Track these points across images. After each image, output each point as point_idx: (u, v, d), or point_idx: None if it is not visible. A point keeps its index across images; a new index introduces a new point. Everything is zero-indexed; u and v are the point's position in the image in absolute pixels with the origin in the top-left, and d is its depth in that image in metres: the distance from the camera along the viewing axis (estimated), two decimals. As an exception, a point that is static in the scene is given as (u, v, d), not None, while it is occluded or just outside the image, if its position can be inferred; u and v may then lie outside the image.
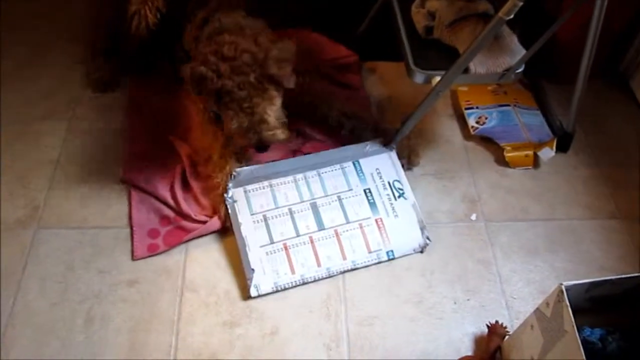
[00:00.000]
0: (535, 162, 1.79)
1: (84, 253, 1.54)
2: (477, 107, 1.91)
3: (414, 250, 1.56)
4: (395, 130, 1.74)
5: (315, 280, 1.50)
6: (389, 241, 1.56)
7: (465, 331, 1.44)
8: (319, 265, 1.51)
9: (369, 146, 1.74)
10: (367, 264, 1.53)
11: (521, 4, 1.33)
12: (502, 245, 1.61)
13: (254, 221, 1.57)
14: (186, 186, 1.66)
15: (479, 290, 1.51)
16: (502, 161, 1.79)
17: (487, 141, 1.84)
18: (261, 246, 1.53)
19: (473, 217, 1.66)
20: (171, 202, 1.62)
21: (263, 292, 1.46)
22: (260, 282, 1.47)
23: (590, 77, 1.65)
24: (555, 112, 1.90)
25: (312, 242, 1.55)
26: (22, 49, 2.06)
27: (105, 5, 1.93)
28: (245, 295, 1.47)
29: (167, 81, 1.87)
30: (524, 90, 1.99)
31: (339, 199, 1.63)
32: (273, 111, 1.50)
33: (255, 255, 1.51)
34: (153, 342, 1.40)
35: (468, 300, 1.50)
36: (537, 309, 1.19)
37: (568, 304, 1.07)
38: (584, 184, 1.76)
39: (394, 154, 1.73)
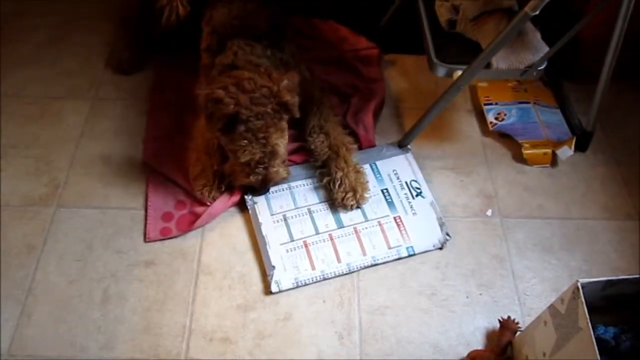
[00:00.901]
0: (553, 161, 1.79)
1: (103, 233, 1.56)
2: (496, 104, 1.91)
3: (433, 246, 1.57)
4: (412, 126, 1.74)
5: (335, 277, 1.51)
6: (408, 238, 1.57)
7: (477, 325, 1.45)
8: (339, 261, 1.52)
9: (385, 149, 1.76)
10: (387, 259, 1.54)
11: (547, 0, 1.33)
12: (517, 241, 1.61)
13: (274, 221, 1.59)
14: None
15: (492, 285, 1.52)
16: (519, 158, 1.79)
17: (505, 137, 1.84)
18: (281, 244, 1.55)
19: (489, 212, 1.66)
20: (186, 186, 1.64)
21: (284, 288, 1.48)
22: (281, 278, 1.49)
23: (612, 77, 1.64)
24: (575, 111, 1.89)
25: (331, 239, 1.56)
26: (47, 27, 2.09)
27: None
28: (267, 290, 1.48)
29: (192, 65, 1.88)
30: (544, 88, 1.98)
31: None
32: (283, 144, 1.53)
33: (275, 252, 1.53)
34: (167, 322, 1.42)
35: (481, 294, 1.50)
36: (552, 305, 1.19)
37: (583, 300, 1.07)
38: (601, 184, 1.75)
39: (410, 156, 1.75)
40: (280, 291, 1.47)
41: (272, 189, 1.65)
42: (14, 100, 1.86)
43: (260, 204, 1.62)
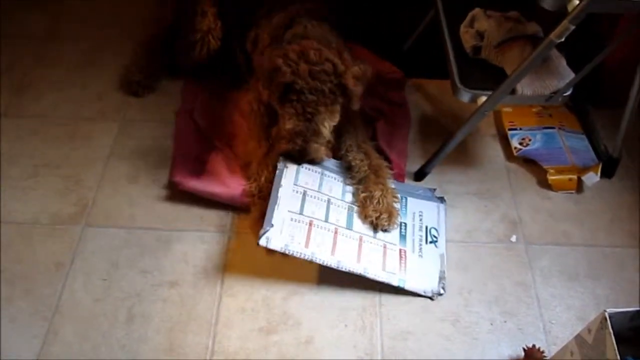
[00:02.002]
0: (579, 187, 1.77)
1: (128, 252, 1.59)
2: (520, 129, 1.90)
3: (424, 292, 1.53)
4: (436, 151, 1.74)
5: (322, 265, 1.49)
6: (404, 272, 1.54)
7: (501, 353, 1.43)
8: (332, 253, 1.50)
9: (422, 190, 1.74)
10: (376, 279, 1.51)
11: (573, 27, 1.33)
12: (541, 268, 1.59)
13: (293, 190, 1.58)
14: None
15: (517, 312, 1.50)
16: (544, 184, 1.78)
17: (530, 163, 1.83)
18: (289, 211, 1.54)
19: (513, 238, 1.65)
20: (224, 191, 1.67)
21: (271, 247, 1.46)
22: (274, 237, 1.47)
23: (639, 103, 1.64)
24: (601, 137, 1.88)
25: (336, 233, 1.55)
26: (79, 50, 2.16)
27: (163, 15, 2.02)
28: (256, 242, 1.47)
29: (219, 88, 1.94)
30: (569, 114, 1.98)
31: None
32: (329, 126, 1.54)
33: (280, 215, 1.52)
34: (190, 343, 1.42)
35: (505, 322, 1.48)
36: (578, 335, 1.17)
37: (611, 331, 1.05)
38: (628, 211, 1.73)
39: (442, 207, 1.72)
40: (266, 247, 1.46)
41: (306, 167, 1.64)
42: (46, 121, 1.91)
43: (289, 170, 1.61)
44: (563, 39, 1.36)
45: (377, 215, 1.59)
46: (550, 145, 1.85)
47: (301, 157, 1.60)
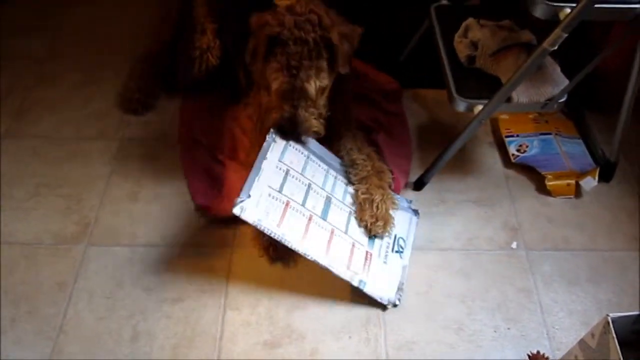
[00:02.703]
0: (577, 192, 1.78)
1: (131, 270, 1.59)
2: (517, 136, 1.92)
3: (381, 299, 1.52)
4: (434, 160, 1.75)
5: (290, 249, 1.46)
6: (367, 274, 1.54)
7: (506, 360, 1.43)
8: (303, 238, 1.49)
9: (399, 198, 1.73)
10: (340, 275, 1.49)
11: (566, 35, 1.35)
12: (543, 274, 1.59)
13: (277, 167, 1.55)
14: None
15: (520, 319, 1.50)
16: (543, 190, 1.79)
17: (528, 169, 1.85)
18: (269, 186, 1.51)
19: (514, 245, 1.66)
20: None
21: (244, 218, 1.42)
22: (249, 209, 1.43)
23: (635, 106, 1.65)
24: (598, 141, 1.89)
25: (309, 220, 1.53)
26: (80, 70, 2.18)
27: (162, 32, 2.05)
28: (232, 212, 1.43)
29: (218, 103, 1.96)
30: (565, 119, 1.99)
31: (349, 213, 1.63)
32: (316, 85, 1.49)
33: (259, 188, 1.48)
34: (195, 359, 1.42)
35: (509, 328, 1.49)
36: (582, 339, 1.18)
37: (614, 335, 1.06)
38: (626, 214, 1.74)
39: (415, 220, 1.71)
40: (239, 216, 1.42)
41: (293, 145, 1.60)
42: (47, 142, 1.92)
43: (276, 146, 1.57)
44: (556, 47, 1.38)
45: (372, 221, 1.58)
46: (548, 151, 1.87)
47: (291, 126, 1.55)
